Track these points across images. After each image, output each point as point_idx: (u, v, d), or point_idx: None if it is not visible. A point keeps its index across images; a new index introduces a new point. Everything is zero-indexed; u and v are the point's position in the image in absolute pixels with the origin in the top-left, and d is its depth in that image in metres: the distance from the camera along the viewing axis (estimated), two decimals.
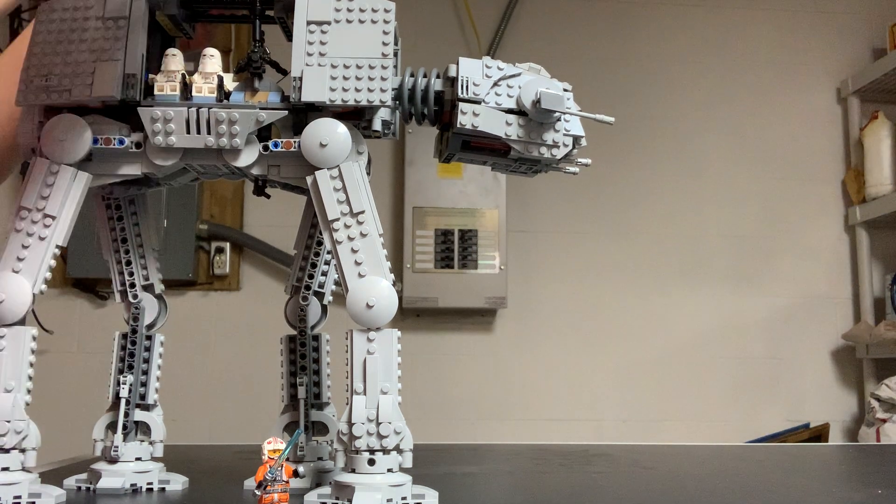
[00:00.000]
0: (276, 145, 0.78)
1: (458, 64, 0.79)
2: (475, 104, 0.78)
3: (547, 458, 1.19)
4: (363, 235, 0.75)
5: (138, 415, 0.87)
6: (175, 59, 0.80)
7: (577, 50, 2.84)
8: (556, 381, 2.69)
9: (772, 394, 2.74)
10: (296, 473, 0.71)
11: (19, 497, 0.71)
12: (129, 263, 0.89)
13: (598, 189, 2.74)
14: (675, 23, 2.89)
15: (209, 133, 0.76)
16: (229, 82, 0.80)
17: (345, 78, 0.76)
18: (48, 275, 0.76)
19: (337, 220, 0.75)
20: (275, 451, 0.68)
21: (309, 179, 0.77)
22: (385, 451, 0.72)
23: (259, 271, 2.68)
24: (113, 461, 0.85)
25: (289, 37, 0.82)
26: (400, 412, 0.73)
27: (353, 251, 0.75)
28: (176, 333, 1.31)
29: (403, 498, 0.73)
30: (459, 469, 1.07)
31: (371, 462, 0.72)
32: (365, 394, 0.72)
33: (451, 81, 0.80)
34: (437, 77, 0.81)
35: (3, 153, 1.06)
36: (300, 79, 0.76)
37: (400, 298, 2.48)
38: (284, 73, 0.81)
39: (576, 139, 0.81)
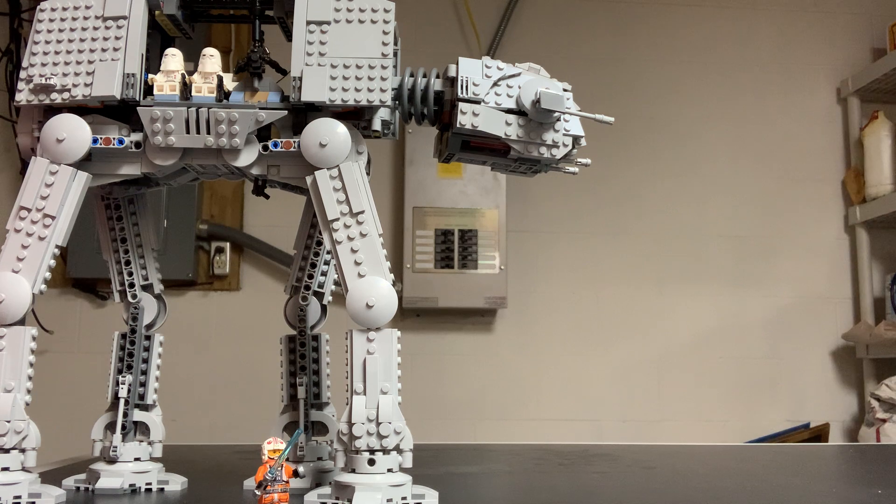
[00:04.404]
0: (275, 145, 0.78)
1: (457, 64, 0.79)
2: (475, 104, 0.78)
3: (547, 458, 1.19)
4: (363, 235, 0.75)
5: (137, 415, 0.87)
6: (175, 59, 0.80)
7: (577, 50, 2.84)
8: (556, 381, 2.68)
9: (772, 394, 2.74)
10: (296, 473, 0.71)
11: (19, 497, 0.71)
12: (128, 263, 0.89)
13: (598, 189, 2.74)
14: (676, 23, 2.89)
15: (209, 133, 0.76)
16: (229, 82, 0.80)
17: (344, 78, 0.76)
18: (48, 275, 0.76)
19: (337, 220, 0.75)
20: (275, 451, 0.68)
21: (308, 179, 0.77)
22: (385, 451, 0.72)
23: (259, 271, 2.68)
24: (112, 461, 0.85)
25: (289, 37, 0.82)
26: (400, 412, 0.73)
27: (353, 251, 0.75)
28: (176, 333, 1.31)
29: (403, 498, 0.73)
30: (459, 469, 1.07)
31: (371, 462, 0.72)
32: (365, 394, 0.72)
33: (451, 81, 0.80)
34: (437, 77, 0.81)
35: None
36: (300, 79, 0.76)
37: (400, 298, 2.48)
38: (284, 72, 0.81)
39: (575, 139, 0.81)
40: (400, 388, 0.74)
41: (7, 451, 0.72)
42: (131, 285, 0.89)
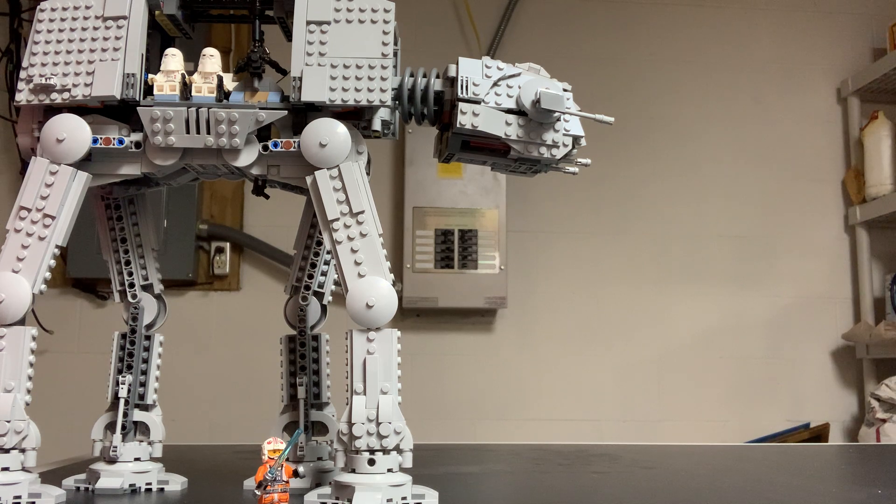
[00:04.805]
0: (275, 145, 0.78)
1: (457, 64, 0.79)
2: (475, 104, 0.78)
3: (547, 458, 1.19)
4: (363, 235, 0.75)
5: (137, 415, 0.87)
6: (175, 59, 0.80)
7: (577, 50, 2.84)
8: (556, 381, 2.68)
9: (772, 394, 2.74)
10: (296, 473, 0.71)
11: (19, 497, 0.71)
12: (128, 263, 0.89)
13: (598, 189, 2.74)
14: (676, 22, 2.89)
15: (209, 133, 0.76)
16: (229, 82, 0.80)
17: (344, 78, 0.76)
18: (48, 275, 0.76)
19: (337, 220, 0.75)
20: (275, 451, 0.68)
21: (308, 179, 0.77)
22: (385, 451, 0.72)
23: (259, 271, 2.68)
24: (112, 461, 0.85)
25: (289, 37, 0.82)
26: (400, 412, 0.73)
27: (353, 251, 0.75)
28: (176, 333, 1.31)
29: (403, 498, 0.73)
30: (459, 469, 1.07)
31: (371, 462, 0.71)
32: (365, 394, 0.72)
33: (451, 81, 0.80)
34: (437, 77, 0.81)
35: None
36: (300, 79, 0.76)
37: (400, 298, 2.48)
38: (284, 73, 0.81)
39: (575, 139, 0.81)
40: (400, 388, 0.74)
41: (7, 451, 0.72)
42: (131, 285, 0.89)
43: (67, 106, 0.78)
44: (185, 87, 0.79)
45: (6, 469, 0.71)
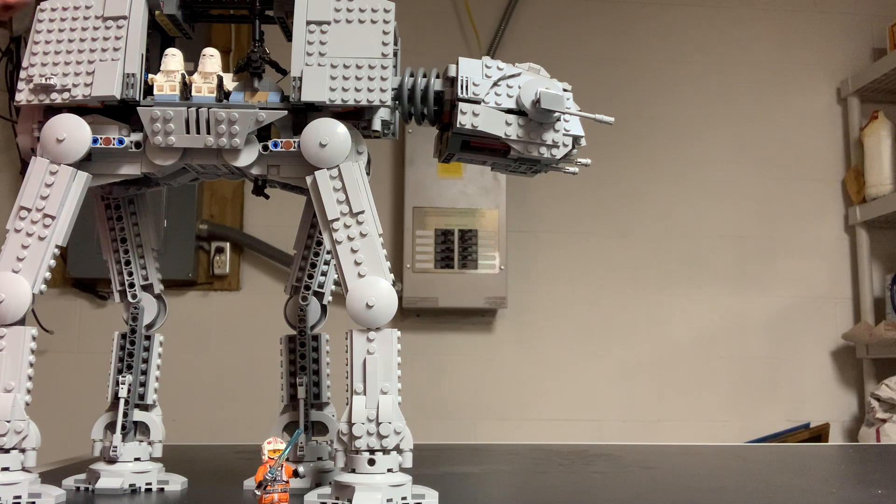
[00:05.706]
0: (275, 145, 0.78)
1: (457, 64, 0.79)
2: (475, 104, 0.78)
3: (547, 458, 1.19)
4: (363, 235, 0.75)
5: (137, 415, 0.87)
6: (175, 59, 0.80)
7: (577, 50, 2.83)
8: (556, 381, 2.68)
9: (772, 394, 2.74)
10: (296, 473, 0.71)
11: (19, 497, 0.71)
12: (128, 263, 0.89)
13: (598, 189, 2.74)
14: (676, 22, 2.89)
15: (209, 133, 0.76)
16: (229, 82, 0.80)
17: (344, 78, 0.77)
18: (48, 275, 0.76)
19: (337, 220, 0.75)
20: (275, 451, 0.68)
21: (308, 179, 0.77)
22: (385, 451, 0.72)
23: (259, 271, 2.68)
24: (112, 461, 0.85)
25: (289, 37, 0.82)
26: (400, 412, 0.73)
27: (353, 251, 0.75)
28: (176, 333, 1.31)
29: (403, 498, 0.73)
30: (459, 469, 1.07)
31: (371, 462, 0.72)
32: (365, 394, 0.72)
33: (451, 81, 0.80)
34: (437, 77, 0.81)
35: None
36: (300, 79, 0.76)
37: (400, 298, 2.48)
38: (284, 72, 0.82)
39: (575, 139, 0.81)
40: (400, 388, 0.74)
41: (7, 451, 0.72)
42: (131, 285, 0.89)
43: (67, 106, 0.78)
44: (185, 87, 0.79)
45: (6, 469, 0.71)
